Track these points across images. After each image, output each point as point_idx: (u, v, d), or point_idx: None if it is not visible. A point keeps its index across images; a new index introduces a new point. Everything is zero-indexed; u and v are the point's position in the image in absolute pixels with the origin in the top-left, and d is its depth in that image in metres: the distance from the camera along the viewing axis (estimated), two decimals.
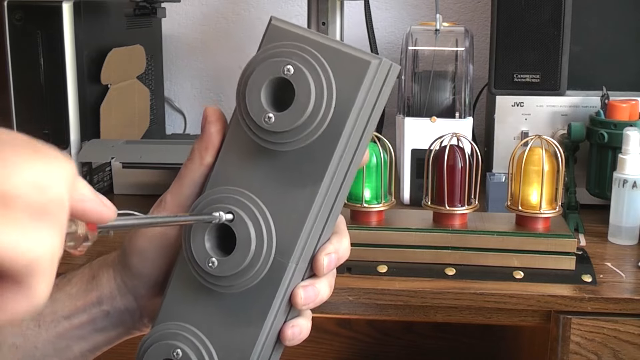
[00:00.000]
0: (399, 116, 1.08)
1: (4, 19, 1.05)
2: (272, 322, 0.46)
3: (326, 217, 0.46)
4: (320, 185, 0.45)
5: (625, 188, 0.91)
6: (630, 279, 0.82)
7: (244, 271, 0.45)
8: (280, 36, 0.46)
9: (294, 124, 0.44)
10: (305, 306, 0.47)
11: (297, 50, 0.44)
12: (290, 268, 0.46)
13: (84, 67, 1.08)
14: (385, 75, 0.45)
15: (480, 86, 1.29)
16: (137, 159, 1.08)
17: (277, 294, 0.46)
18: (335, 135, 0.44)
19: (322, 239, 0.47)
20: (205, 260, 0.46)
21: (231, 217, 0.45)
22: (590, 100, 1.06)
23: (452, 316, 0.82)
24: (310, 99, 0.43)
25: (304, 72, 0.43)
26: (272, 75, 0.44)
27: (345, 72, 0.44)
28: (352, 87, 0.44)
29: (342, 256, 0.49)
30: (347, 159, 0.45)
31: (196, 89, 1.51)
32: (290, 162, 0.46)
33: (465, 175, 0.85)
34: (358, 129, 0.45)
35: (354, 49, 0.44)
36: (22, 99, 1.07)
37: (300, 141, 0.44)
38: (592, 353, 0.79)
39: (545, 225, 0.85)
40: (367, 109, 0.45)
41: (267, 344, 0.47)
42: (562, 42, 1.06)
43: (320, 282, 0.48)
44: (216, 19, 1.48)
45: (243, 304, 0.47)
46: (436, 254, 0.84)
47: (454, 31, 1.11)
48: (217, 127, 0.48)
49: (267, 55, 0.45)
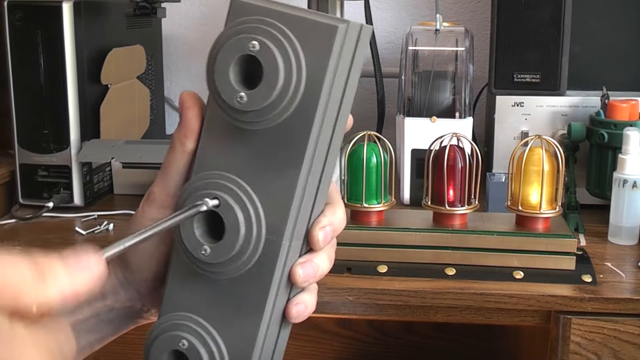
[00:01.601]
0: (399, 116, 1.08)
1: (4, 19, 1.05)
2: (274, 302, 0.46)
3: (315, 189, 0.46)
4: (303, 160, 0.44)
5: (625, 188, 0.91)
6: (630, 279, 0.82)
7: (237, 255, 0.45)
8: (243, 11, 0.44)
9: (267, 101, 0.43)
10: (306, 283, 0.47)
11: (261, 24, 0.43)
12: (284, 246, 0.45)
13: (84, 67, 1.08)
14: (356, 38, 0.43)
15: (480, 86, 1.29)
16: (137, 159, 1.08)
17: (275, 274, 0.45)
18: (311, 107, 0.43)
19: (314, 212, 0.47)
20: (197, 249, 0.46)
21: (217, 203, 0.45)
22: (590, 100, 1.06)
23: (452, 316, 0.82)
24: (279, 74, 0.42)
25: (269, 47, 0.42)
26: (238, 53, 0.43)
27: (313, 41, 0.42)
28: (321, 56, 0.42)
29: (337, 227, 0.48)
30: (328, 128, 0.44)
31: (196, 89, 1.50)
32: (270, 140, 0.45)
33: (465, 175, 0.85)
34: (334, 96, 0.44)
35: (320, 15, 0.43)
36: (22, 99, 1.07)
37: (276, 117, 0.43)
38: (592, 353, 0.79)
39: (545, 225, 0.85)
40: (341, 75, 0.43)
41: (272, 325, 0.46)
42: (562, 42, 1.06)
43: (319, 256, 0.47)
44: (216, 19, 1.48)
45: (242, 287, 0.46)
46: (436, 254, 0.84)
47: (454, 31, 1.11)
48: (194, 112, 0.47)
49: (231, 33, 0.43)
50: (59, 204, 1.08)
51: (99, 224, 1.02)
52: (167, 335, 0.47)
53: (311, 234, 0.46)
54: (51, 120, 1.07)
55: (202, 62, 1.50)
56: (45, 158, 1.08)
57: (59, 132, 1.07)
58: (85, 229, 1.01)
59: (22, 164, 1.09)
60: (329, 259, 0.48)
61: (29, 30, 1.05)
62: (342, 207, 0.49)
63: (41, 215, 1.06)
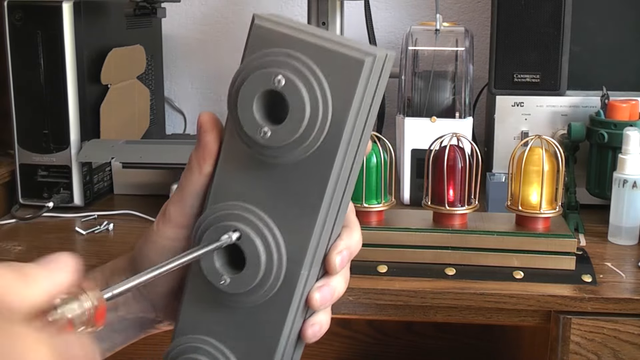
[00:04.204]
0: (399, 116, 1.08)
1: (4, 19, 1.05)
2: (291, 328, 0.46)
3: (334, 218, 0.45)
4: (324, 193, 0.43)
5: (625, 188, 0.91)
6: (630, 279, 0.82)
7: (258, 286, 0.45)
8: (266, 38, 0.43)
9: (291, 138, 0.42)
10: (322, 307, 0.47)
11: (286, 58, 0.42)
12: (303, 275, 0.45)
13: (84, 67, 1.08)
14: (380, 69, 0.43)
15: (480, 86, 1.29)
16: (137, 159, 1.08)
17: (293, 301, 0.45)
18: (335, 141, 0.43)
19: (332, 238, 0.46)
20: (217, 279, 0.45)
21: (238, 235, 0.44)
22: (590, 100, 1.06)
23: (452, 316, 0.82)
24: (305, 111, 0.41)
25: (295, 83, 0.41)
26: (262, 88, 0.42)
27: (339, 75, 0.42)
28: (347, 90, 0.42)
29: (354, 251, 0.48)
30: (350, 158, 0.44)
31: (196, 89, 1.51)
32: (292, 173, 0.44)
33: (465, 175, 0.85)
34: (358, 129, 0.43)
35: (346, 46, 0.42)
36: (22, 99, 1.07)
37: (300, 153, 0.43)
38: (592, 353, 0.79)
39: (545, 225, 0.85)
40: (365, 107, 0.43)
41: (288, 347, 0.46)
42: (562, 42, 1.06)
43: (335, 279, 0.47)
44: (216, 19, 1.48)
45: (261, 314, 0.46)
46: (436, 254, 0.84)
47: (454, 31, 1.11)
48: (213, 135, 0.46)
49: (255, 66, 0.42)
50: (59, 204, 1.08)
51: (99, 224, 1.02)
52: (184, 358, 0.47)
53: (328, 259, 0.46)
54: (51, 120, 1.07)
55: (202, 62, 1.51)
56: (45, 158, 1.08)
57: (59, 132, 1.07)
58: (85, 229, 1.01)
59: (22, 164, 1.09)
60: (345, 281, 0.49)
61: (29, 30, 1.05)
62: (358, 229, 0.49)
63: (41, 215, 1.06)
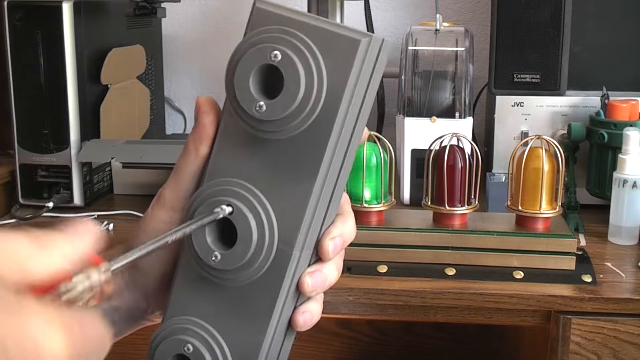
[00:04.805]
0: (399, 116, 1.08)
1: (4, 19, 1.05)
2: (281, 311, 0.46)
3: (328, 201, 0.46)
4: (318, 171, 0.44)
5: (625, 188, 0.91)
6: (630, 279, 0.82)
7: (248, 263, 0.45)
8: (265, 19, 0.44)
9: (286, 112, 0.42)
10: (314, 292, 0.47)
11: (283, 34, 0.42)
12: (294, 256, 0.45)
13: (84, 67, 1.08)
14: (377, 52, 0.43)
15: (480, 86, 1.29)
16: (137, 159, 1.08)
17: (284, 283, 0.45)
18: (329, 119, 0.43)
19: (325, 223, 0.46)
20: (208, 255, 0.45)
21: (230, 210, 0.45)
22: (590, 100, 1.06)
23: (452, 316, 0.82)
24: (300, 84, 0.42)
25: (291, 58, 0.42)
26: (259, 63, 0.43)
27: (335, 54, 0.42)
28: (343, 68, 0.42)
29: (347, 239, 0.48)
30: (345, 140, 0.44)
31: (196, 89, 1.51)
32: (287, 149, 0.45)
33: (465, 175, 0.85)
34: (353, 109, 0.44)
35: (342, 28, 0.43)
36: (22, 99, 1.07)
37: (294, 128, 0.43)
38: (592, 353, 0.79)
39: (545, 225, 0.85)
40: (361, 88, 0.43)
41: (277, 333, 0.46)
42: (562, 42, 1.06)
43: (327, 266, 0.47)
44: (216, 19, 1.48)
45: (250, 294, 0.46)
46: (436, 254, 0.84)
47: (454, 31, 1.11)
48: (210, 118, 0.47)
49: (253, 42, 0.43)
50: (59, 204, 1.08)
51: (99, 224, 1.02)
52: (172, 339, 0.47)
53: (321, 245, 0.46)
54: (51, 120, 1.07)
55: (202, 62, 1.51)
56: (45, 158, 1.08)
57: (59, 132, 1.07)
58: None
59: (22, 164, 1.09)
60: (337, 269, 0.48)
61: (29, 30, 1.05)
62: (352, 218, 0.49)
63: (41, 215, 1.06)
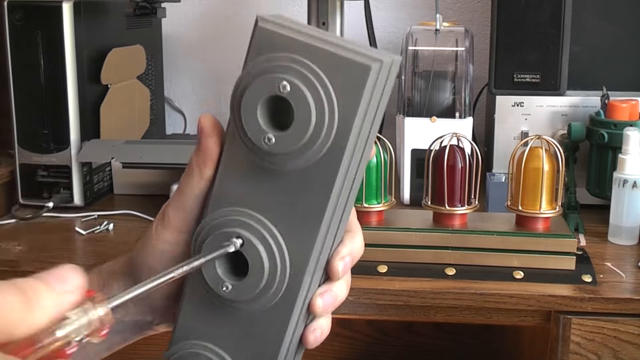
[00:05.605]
0: (399, 116, 1.08)
1: (4, 19, 1.05)
2: (293, 334, 0.46)
3: (337, 225, 0.45)
4: (329, 199, 0.43)
5: (625, 188, 0.91)
6: (630, 279, 0.82)
7: (260, 294, 0.44)
8: (270, 41, 0.42)
9: (296, 145, 0.41)
10: (325, 313, 0.47)
11: (291, 63, 0.41)
12: (306, 282, 0.44)
13: (84, 67, 1.08)
14: (387, 74, 0.41)
15: (480, 86, 1.29)
16: (137, 159, 1.08)
17: (295, 308, 0.45)
18: (340, 147, 0.42)
19: (334, 243, 0.46)
20: (219, 286, 0.45)
21: (241, 242, 0.43)
22: (590, 100, 1.06)
23: (452, 316, 0.82)
24: (310, 117, 0.40)
25: (301, 89, 0.40)
26: (267, 94, 0.41)
27: (345, 81, 0.41)
28: (354, 96, 0.41)
29: (356, 256, 0.48)
30: (355, 165, 0.43)
31: (196, 89, 1.51)
32: (296, 180, 0.43)
33: (465, 175, 0.85)
34: (363, 135, 0.43)
35: (351, 50, 0.41)
36: (22, 99, 1.07)
37: (305, 160, 0.42)
38: (592, 353, 0.79)
39: (545, 225, 0.85)
40: (371, 113, 0.42)
41: (289, 354, 0.46)
42: (562, 42, 1.06)
43: (337, 284, 0.47)
44: (216, 19, 1.48)
45: (262, 320, 0.46)
46: (436, 254, 0.84)
47: (454, 31, 1.11)
48: (213, 139, 0.45)
49: (259, 71, 0.41)
50: (59, 204, 1.08)
51: (99, 224, 1.02)
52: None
53: (331, 265, 0.46)
54: (51, 120, 1.07)
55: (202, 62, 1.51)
56: (45, 158, 1.08)
57: (59, 132, 1.07)
58: (85, 229, 1.01)
59: (22, 164, 1.09)
60: (347, 285, 0.48)
61: (29, 30, 1.05)
62: (360, 234, 0.49)
63: (41, 215, 1.06)
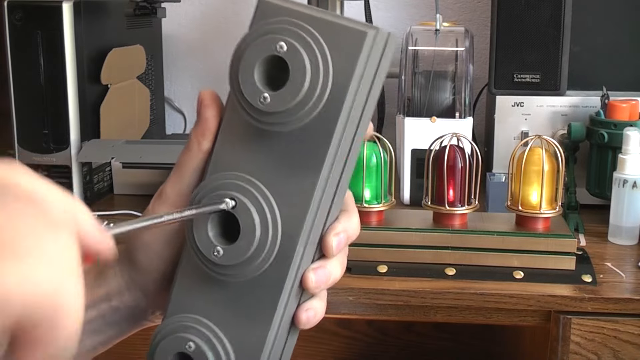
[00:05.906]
0: (399, 116, 1.08)
1: (4, 19, 1.05)
2: (284, 308, 0.45)
3: (332, 195, 0.45)
4: (323, 164, 0.43)
5: (625, 188, 0.91)
6: (630, 279, 0.82)
7: (251, 258, 0.44)
8: (271, 12, 0.43)
9: (291, 103, 0.42)
10: (317, 289, 0.46)
11: (289, 25, 0.42)
12: (298, 252, 0.44)
13: (84, 67, 1.08)
14: (383, 45, 0.42)
15: (480, 86, 1.29)
16: (137, 159, 1.08)
17: (287, 279, 0.45)
18: (335, 112, 0.43)
19: (329, 218, 0.46)
20: (210, 250, 0.45)
21: (234, 204, 0.44)
22: (590, 100, 1.06)
23: (452, 316, 0.82)
24: (305, 76, 0.41)
25: (297, 49, 0.41)
26: (264, 54, 0.42)
27: (341, 45, 0.42)
28: (349, 60, 0.42)
29: (351, 235, 0.48)
30: (350, 134, 0.44)
31: (196, 89, 1.51)
32: (291, 143, 0.44)
33: (465, 175, 0.85)
34: (358, 102, 0.43)
35: (349, 20, 0.42)
36: (22, 99, 1.07)
37: (299, 120, 0.43)
38: (592, 353, 0.79)
39: (545, 225, 0.85)
40: (366, 81, 0.43)
41: (281, 330, 0.46)
42: (562, 42, 1.06)
43: (331, 262, 0.47)
44: (216, 19, 1.48)
45: (253, 291, 0.45)
46: (436, 254, 0.84)
47: (454, 31, 1.11)
48: (213, 111, 0.46)
49: (258, 34, 0.42)
50: None
51: None
52: (173, 337, 0.46)
53: (325, 240, 0.46)
54: (51, 120, 1.07)
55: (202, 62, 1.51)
56: (45, 158, 1.08)
57: (59, 132, 1.07)
58: None
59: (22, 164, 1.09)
60: (341, 266, 0.48)
61: (29, 30, 1.05)
62: (356, 214, 0.49)
63: None
